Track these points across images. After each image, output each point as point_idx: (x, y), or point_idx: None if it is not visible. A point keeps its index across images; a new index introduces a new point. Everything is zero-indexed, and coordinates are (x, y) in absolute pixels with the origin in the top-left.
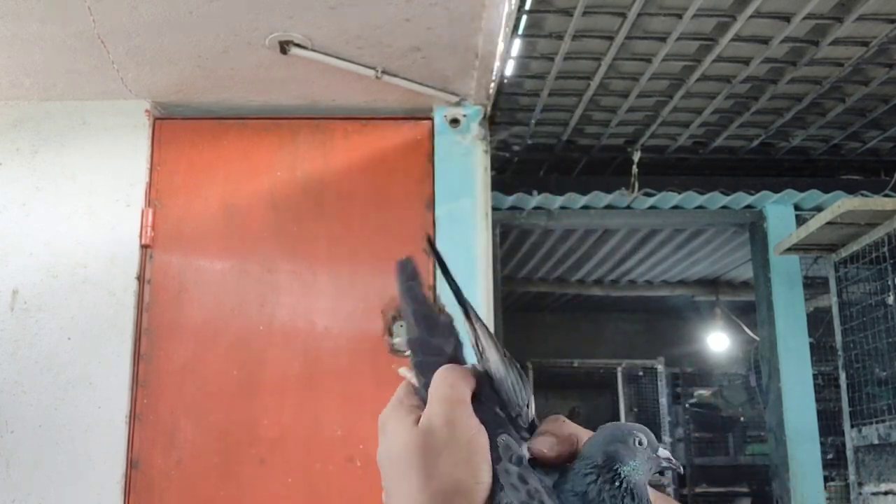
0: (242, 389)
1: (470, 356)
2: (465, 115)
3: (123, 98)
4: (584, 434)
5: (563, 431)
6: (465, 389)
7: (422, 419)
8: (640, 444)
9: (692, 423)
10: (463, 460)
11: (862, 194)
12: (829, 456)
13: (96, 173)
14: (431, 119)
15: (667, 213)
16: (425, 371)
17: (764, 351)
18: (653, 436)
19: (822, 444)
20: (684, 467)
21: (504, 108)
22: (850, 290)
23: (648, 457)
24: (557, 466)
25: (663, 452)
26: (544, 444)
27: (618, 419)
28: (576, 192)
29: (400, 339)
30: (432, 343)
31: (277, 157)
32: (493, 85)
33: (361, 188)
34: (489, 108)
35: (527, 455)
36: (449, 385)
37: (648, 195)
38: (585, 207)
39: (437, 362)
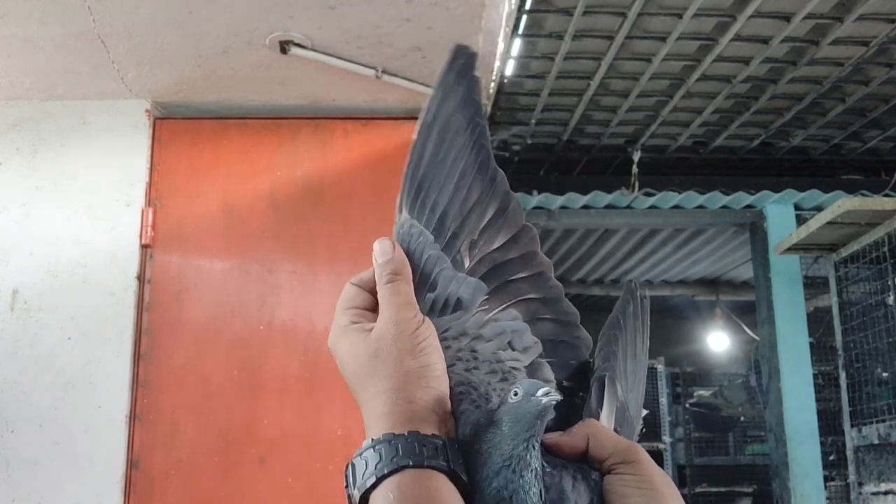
0: (242, 389)
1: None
2: None
3: (123, 98)
4: (602, 436)
5: (570, 433)
6: (408, 289)
7: (374, 330)
8: (515, 395)
9: (692, 423)
10: (408, 351)
11: (862, 194)
12: (831, 457)
13: (96, 173)
14: None
15: (667, 212)
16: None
17: (764, 351)
18: (534, 383)
19: (822, 444)
20: (684, 467)
21: (504, 108)
22: (850, 290)
23: (524, 403)
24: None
25: (542, 391)
26: (550, 438)
27: None
28: (576, 192)
29: None
30: None
31: (277, 157)
32: (493, 85)
33: (361, 188)
34: (489, 108)
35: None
36: (394, 292)
37: (648, 195)
38: (585, 207)
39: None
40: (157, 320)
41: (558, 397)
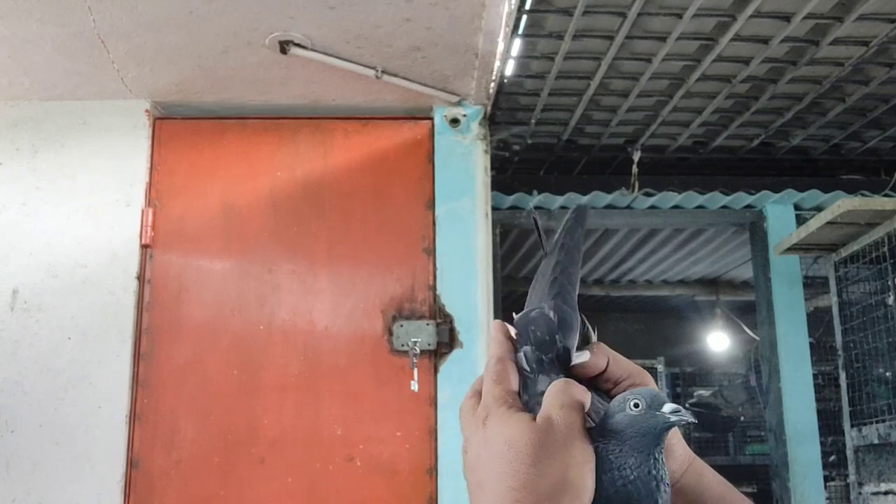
0: (242, 389)
1: None
2: (465, 115)
3: (123, 98)
4: (619, 358)
5: (594, 352)
6: (585, 401)
7: (540, 418)
8: (636, 406)
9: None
10: (577, 464)
11: (862, 194)
12: (832, 458)
13: (96, 173)
14: (431, 119)
15: (667, 212)
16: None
17: (764, 351)
18: (656, 394)
19: (822, 444)
20: None
21: (504, 108)
22: (850, 290)
23: (648, 417)
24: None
25: (668, 407)
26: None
27: None
28: (576, 192)
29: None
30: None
31: (277, 157)
32: (493, 85)
33: (361, 188)
34: (489, 108)
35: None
36: (569, 395)
37: (648, 195)
38: None
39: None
40: (157, 320)
41: (688, 418)
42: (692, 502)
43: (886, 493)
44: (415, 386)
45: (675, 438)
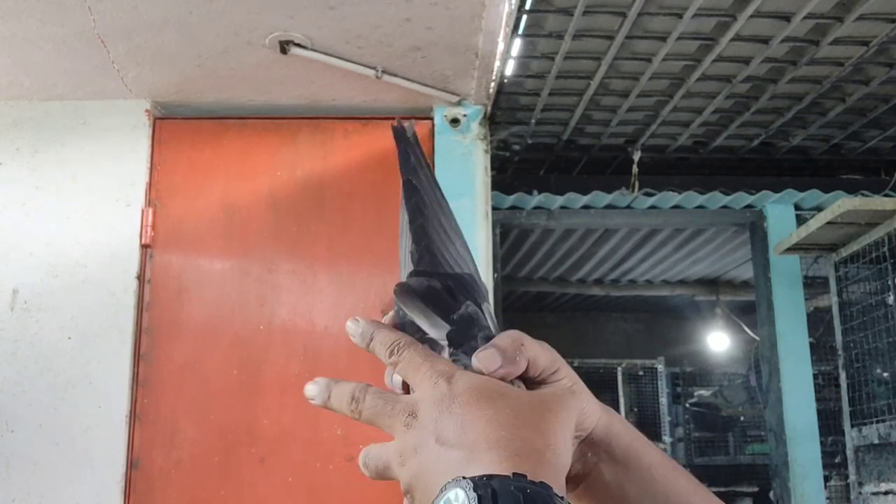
0: (242, 389)
1: None
2: (465, 115)
3: (123, 98)
4: (542, 359)
5: (511, 350)
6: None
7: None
8: None
9: (692, 423)
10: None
11: (862, 194)
12: (836, 459)
13: (96, 173)
14: (431, 119)
15: (667, 212)
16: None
17: (764, 351)
18: None
19: (822, 444)
20: (684, 467)
21: (504, 108)
22: (850, 290)
23: None
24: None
25: None
26: (487, 359)
27: None
28: (576, 192)
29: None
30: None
31: (277, 157)
32: (493, 84)
33: (361, 188)
34: (489, 108)
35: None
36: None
37: (648, 195)
38: (585, 207)
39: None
40: (157, 320)
41: None
42: (604, 452)
43: (886, 493)
44: None
45: (586, 401)
